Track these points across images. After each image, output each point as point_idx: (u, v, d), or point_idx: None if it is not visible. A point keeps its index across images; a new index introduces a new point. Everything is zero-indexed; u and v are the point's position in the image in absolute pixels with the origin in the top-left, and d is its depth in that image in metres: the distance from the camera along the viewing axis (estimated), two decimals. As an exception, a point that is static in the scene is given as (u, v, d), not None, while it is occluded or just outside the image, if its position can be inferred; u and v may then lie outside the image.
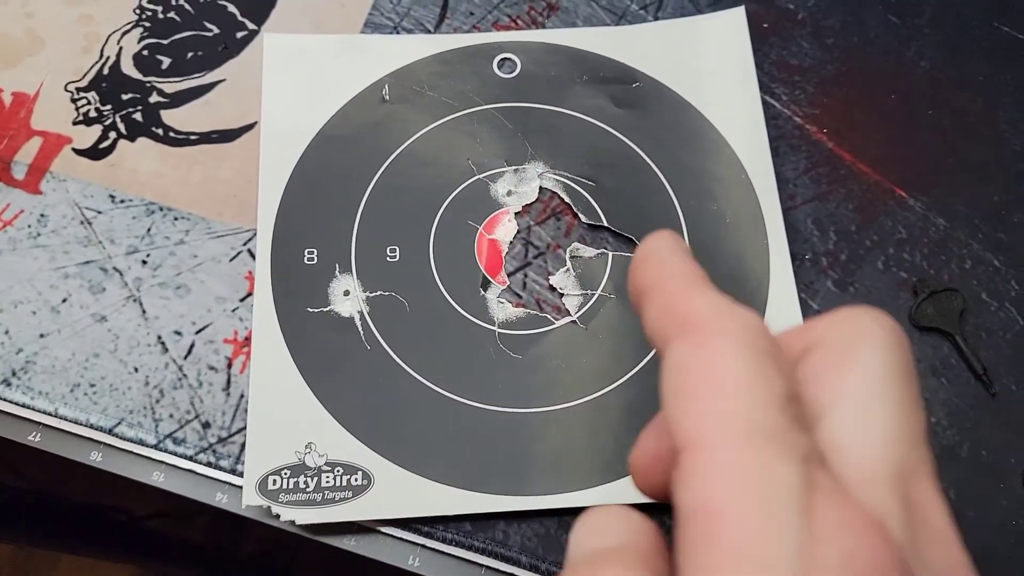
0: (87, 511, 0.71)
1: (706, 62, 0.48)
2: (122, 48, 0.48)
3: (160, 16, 0.49)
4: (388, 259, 0.43)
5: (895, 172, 0.47)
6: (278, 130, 0.46)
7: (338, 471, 0.39)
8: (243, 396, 0.41)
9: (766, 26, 0.51)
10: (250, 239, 0.44)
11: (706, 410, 0.16)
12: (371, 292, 0.43)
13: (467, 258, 0.44)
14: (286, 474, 0.38)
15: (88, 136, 0.46)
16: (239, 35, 0.49)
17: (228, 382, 0.41)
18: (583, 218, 0.45)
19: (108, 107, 0.47)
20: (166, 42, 0.49)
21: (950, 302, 0.44)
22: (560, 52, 0.49)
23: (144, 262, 0.43)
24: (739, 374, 0.16)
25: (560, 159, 0.46)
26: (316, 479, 0.38)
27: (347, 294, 0.43)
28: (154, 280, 0.43)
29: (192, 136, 0.46)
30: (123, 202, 0.45)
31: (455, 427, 0.40)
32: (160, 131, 0.46)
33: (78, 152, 0.46)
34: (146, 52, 0.48)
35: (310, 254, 0.43)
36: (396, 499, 0.38)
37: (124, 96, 0.47)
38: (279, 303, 0.42)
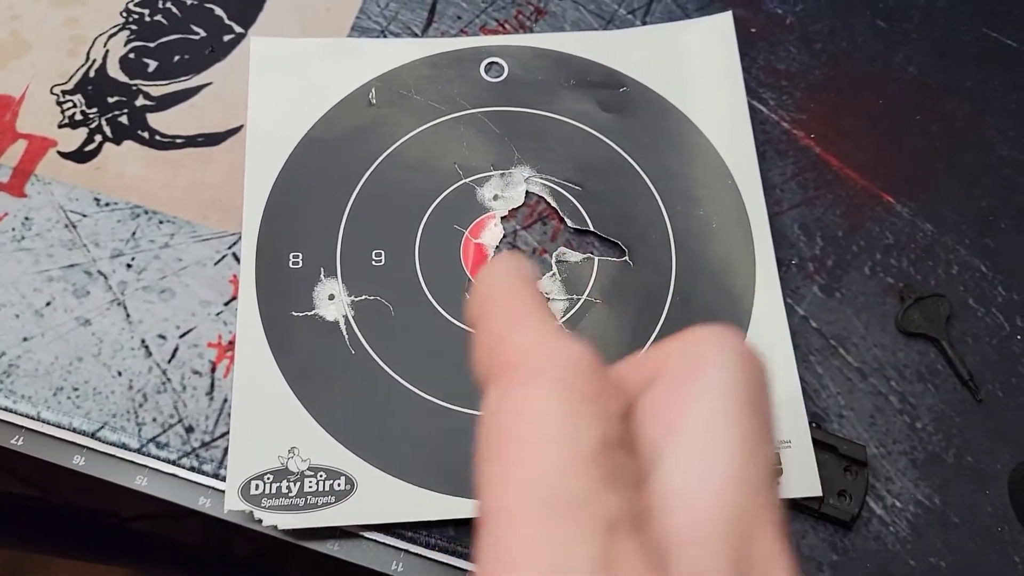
0: (77, 514, 0.71)
1: (693, 67, 0.48)
2: (108, 51, 0.48)
3: (147, 19, 0.49)
4: (374, 263, 0.43)
5: (882, 177, 0.47)
6: (264, 134, 0.46)
7: (321, 476, 0.38)
8: (227, 400, 0.41)
9: (754, 31, 0.51)
10: (235, 243, 0.44)
11: (506, 476, 0.15)
12: (356, 296, 0.43)
13: (453, 262, 0.44)
14: (269, 479, 0.38)
15: (74, 139, 0.46)
16: (226, 38, 0.49)
17: (212, 386, 0.41)
18: (569, 223, 0.45)
19: (94, 110, 0.47)
20: (153, 45, 0.49)
21: (937, 308, 0.44)
22: (547, 56, 0.49)
23: (129, 266, 0.43)
24: (545, 428, 0.15)
25: (547, 163, 0.46)
26: (299, 484, 0.38)
27: (332, 298, 0.42)
28: (139, 284, 0.43)
29: (178, 139, 0.46)
30: (108, 205, 0.44)
31: (439, 432, 0.40)
32: (146, 134, 0.46)
33: (63, 155, 0.45)
34: (132, 55, 0.48)
35: (295, 258, 0.43)
36: (379, 504, 0.38)
37: (110, 99, 0.47)
38: (263, 307, 0.42)
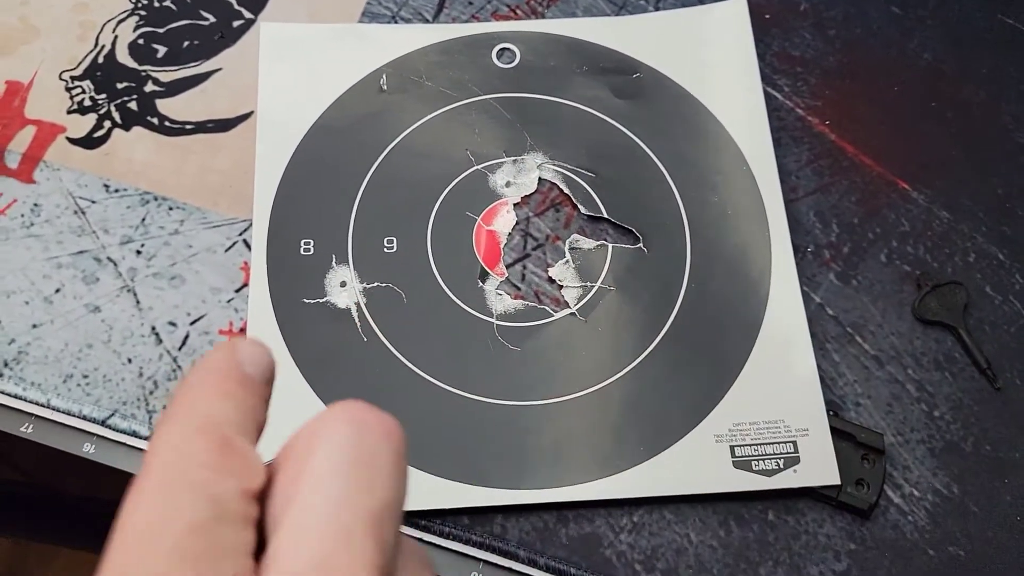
0: (83, 504, 0.70)
1: (707, 53, 0.48)
2: (117, 37, 0.48)
3: (156, 5, 0.49)
4: (385, 250, 0.43)
5: (898, 164, 0.47)
6: (274, 120, 0.45)
7: (334, 464, 0.38)
8: (238, 388, 0.40)
9: (768, 17, 0.50)
10: (246, 229, 0.43)
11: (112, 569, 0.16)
12: (368, 283, 0.42)
13: (465, 249, 0.43)
14: (281, 466, 0.38)
15: (83, 125, 0.45)
16: (235, 24, 0.48)
17: (223, 374, 0.40)
18: (583, 209, 0.44)
19: (103, 96, 0.46)
20: (162, 31, 0.48)
21: (954, 296, 0.43)
22: (560, 42, 0.48)
23: (138, 252, 0.43)
24: (137, 520, 0.16)
25: (559, 150, 0.46)
26: (311, 472, 0.38)
27: (344, 285, 0.42)
28: (148, 270, 0.42)
29: (187, 125, 0.46)
30: (117, 192, 0.44)
31: (452, 420, 0.39)
32: (155, 120, 0.46)
33: (72, 141, 0.45)
34: (142, 41, 0.48)
35: (306, 245, 0.43)
36: (392, 492, 0.38)
37: (119, 85, 0.47)
38: (275, 294, 0.42)
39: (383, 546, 0.17)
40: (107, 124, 0.45)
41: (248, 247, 0.43)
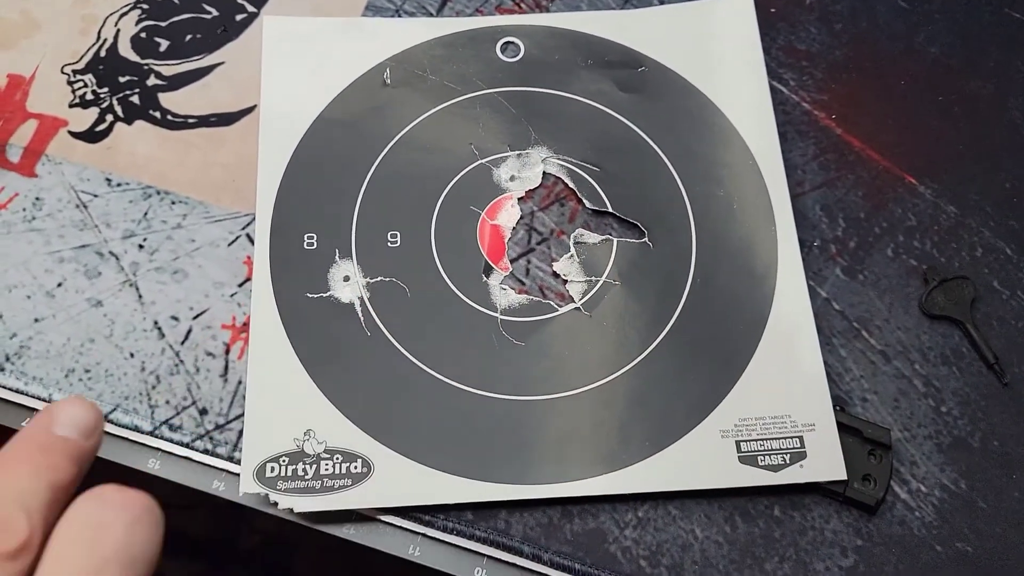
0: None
1: (713, 47, 0.48)
2: (120, 30, 0.48)
3: (158, -2, 0.48)
4: (389, 244, 0.43)
5: (905, 159, 0.46)
6: (277, 114, 0.45)
7: (337, 459, 0.38)
8: (241, 382, 0.40)
9: (773, 11, 0.50)
10: (249, 224, 0.43)
11: None
12: (371, 278, 0.42)
13: (469, 244, 0.43)
14: (284, 461, 0.38)
15: (85, 119, 0.45)
16: (238, 17, 0.48)
17: (226, 368, 0.40)
18: (587, 204, 0.44)
19: (105, 90, 0.46)
20: (164, 24, 0.48)
21: (961, 290, 0.43)
22: (564, 36, 0.48)
23: (141, 246, 0.43)
24: None
25: (564, 144, 0.45)
26: (315, 466, 0.38)
27: (347, 280, 0.42)
28: (151, 264, 0.42)
29: (190, 119, 0.46)
30: (120, 186, 0.44)
31: (456, 415, 0.39)
32: (158, 114, 0.46)
33: (74, 135, 0.45)
34: (144, 34, 0.48)
35: (310, 239, 0.43)
36: (396, 487, 0.38)
37: (121, 79, 0.46)
38: (278, 288, 0.41)
39: None
40: (109, 118, 0.45)
41: (251, 241, 0.43)
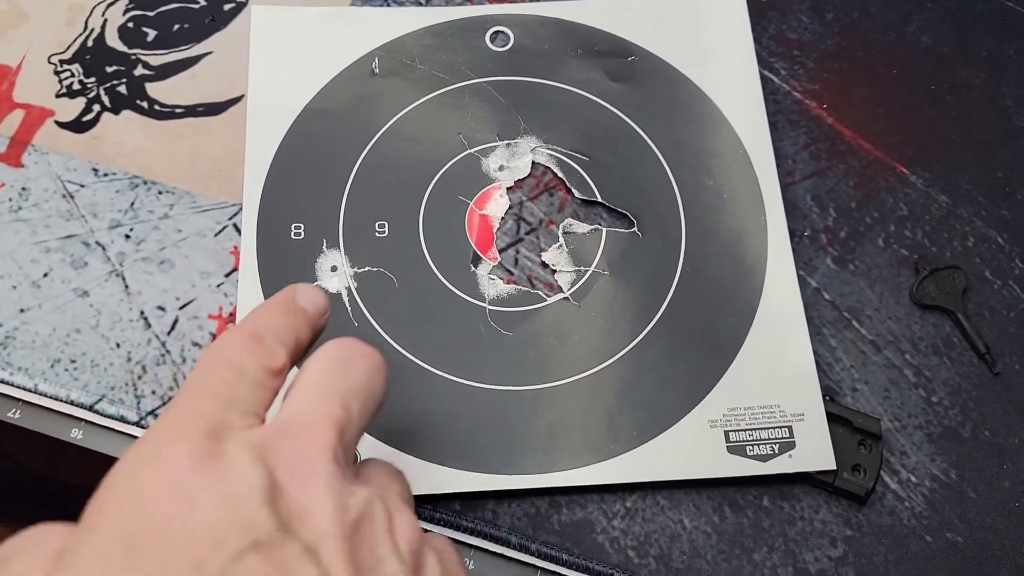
0: (74, 493, 0.70)
1: (703, 35, 0.47)
2: (107, 20, 0.47)
3: (146, -12, 0.48)
4: (377, 234, 0.42)
5: (896, 148, 0.46)
6: (265, 103, 0.45)
7: (324, 449, 0.38)
8: (227, 373, 0.40)
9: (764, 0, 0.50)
10: (236, 214, 0.43)
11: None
12: (359, 268, 0.42)
13: (458, 234, 0.43)
14: (270, 452, 0.37)
15: (71, 109, 0.45)
16: (226, 7, 0.48)
17: (212, 359, 0.40)
18: (577, 193, 0.44)
19: (92, 80, 0.46)
20: (152, 14, 0.48)
21: (952, 280, 0.43)
22: (554, 25, 0.48)
23: (127, 236, 0.42)
24: (190, 380, 0.26)
25: (553, 133, 0.45)
26: (301, 457, 0.37)
27: (334, 270, 0.42)
28: (137, 255, 0.42)
29: (177, 109, 0.45)
30: (106, 176, 0.44)
31: (444, 405, 0.39)
32: (145, 104, 0.45)
33: (61, 125, 0.45)
34: (131, 24, 0.47)
35: (297, 229, 0.42)
36: (383, 478, 0.37)
37: (108, 68, 0.46)
38: (265, 279, 0.41)
39: (346, 412, 0.26)
40: (96, 108, 0.45)
41: (238, 231, 0.43)
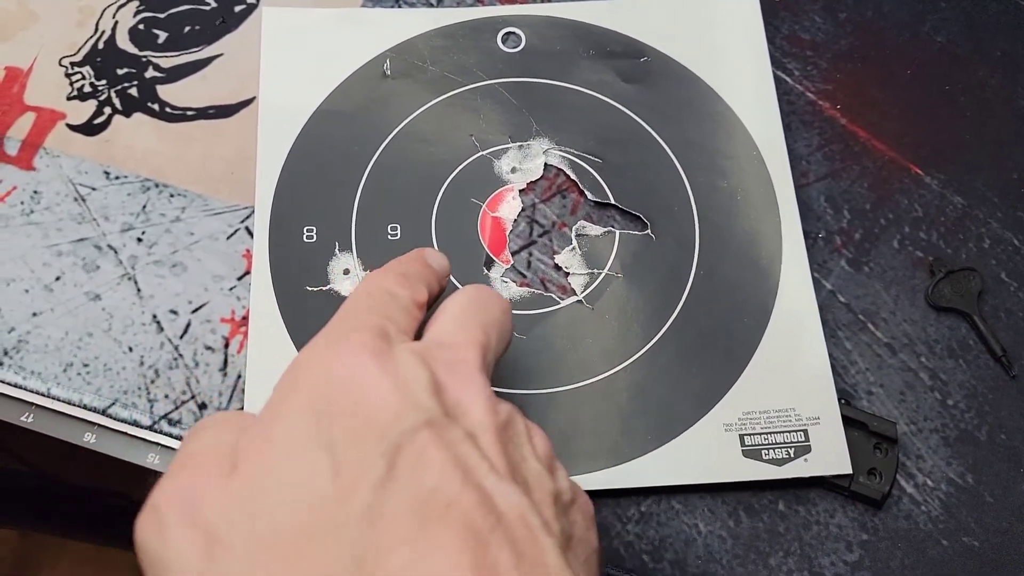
0: (87, 496, 0.70)
1: (716, 36, 0.47)
2: (117, 22, 0.47)
3: (156, -10, 0.48)
4: (389, 237, 0.42)
5: (911, 149, 0.46)
6: (277, 106, 0.45)
7: (337, 453, 0.37)
8: (240, 377, 0.40)
9: (777, 0, 0.49)
10: (248, 216, 0.43)
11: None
12: (371, 271, 0.41)
13: (470, 236, 0.43)
14: (284, 456, 0.37)
15: (82, 111, 0.45)
16: (237, 9, 0.48)
17: (225, 362, 0.40)
18: (589, 195, 0.44)
19: (103, 82, 0.46)
20: (162, 16, 0.47)
21: (968, 282, 0.42)
22: (566, 26, 0.47)
23: (139, 240, 0.42)
24: (351, 298, 0.32)
25: (566, 135, 0.45)
26: (314, 461, 0.37)
27: (347, 273, 0.41)
28: (149, 258, 0.42)
29: (189, 112, 0.45)
30: (118, 179, 0.43)
31: (457, 409, 0.39)
32: (156, 106, 0.45)
33: (72, 128, 0.44)
34: (142, 26, 0.47)
35: (309, 232, 0.42)
36: (397, 482, 0.37)
37: (119, 71, 0.46)
38: (277, 282, 0.41)
39: (486, 338, 0.30)
40: (107, 110, 0.45)
41: (250, 234, 0.42)
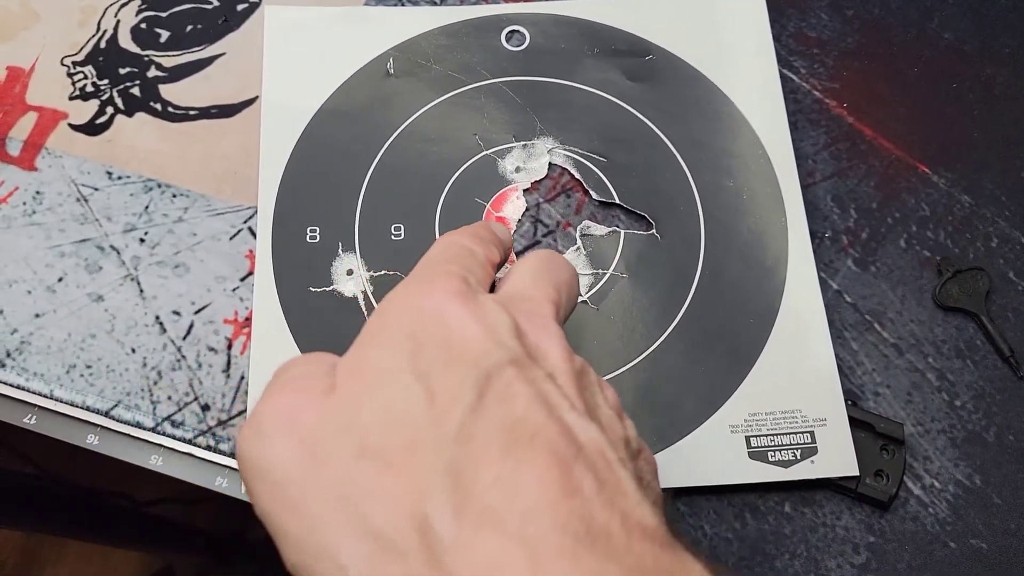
0: (90, 497, 0.70)
1: (722, 34, 0.47)
2: (120, 21, 0.47)
3: (159, -12, 0.48)
4: (393, 237, 0.42)
5: (918, 147, 0.46)
6: (279, 105, 0.45)
7: (341, 455, 0.37)
8: (243, 378, 0.39)
9: (784, -3, 0.49)
10: (251, 217, 0.43)
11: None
12: (375, 271, 0.41)
13: (474, 236, 0.42)
14: (287, 458, 0.37)
15: (85, 111, 0.45)
16: (240, 7, 0.48)
17: (228, 363, 0.40)
18: (594, 195, 0.43)
19: (105, 82, 0.45)
20: (165, 15, 0.47)
21: (975, 282, 0.42)
22: (570, 24, 0.47)
23: (142, 240, 0.42)
24: (432, 250, 0.31)
25: (570, 134, 0.45)
26: (318, 463, 0.37)
27: (350, 273, 0.41)
28: (152, 259, 0.42)
29: (191, 111, 0.45)
30: (120, 179, 0.43)
31: (462, 410, 0.39)
32: (158, 106, 0.45)
33: (74, 128, 0.44)
34: (144, 25, 0.47)
35: (312, 232, 0.42)
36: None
37: (121, 70, 0.46)
38: (280, 282, 0.41)
39: (558, 297, 0.30)
40: (109, 110, 0.45)
41: (253, 235, 0.42)
